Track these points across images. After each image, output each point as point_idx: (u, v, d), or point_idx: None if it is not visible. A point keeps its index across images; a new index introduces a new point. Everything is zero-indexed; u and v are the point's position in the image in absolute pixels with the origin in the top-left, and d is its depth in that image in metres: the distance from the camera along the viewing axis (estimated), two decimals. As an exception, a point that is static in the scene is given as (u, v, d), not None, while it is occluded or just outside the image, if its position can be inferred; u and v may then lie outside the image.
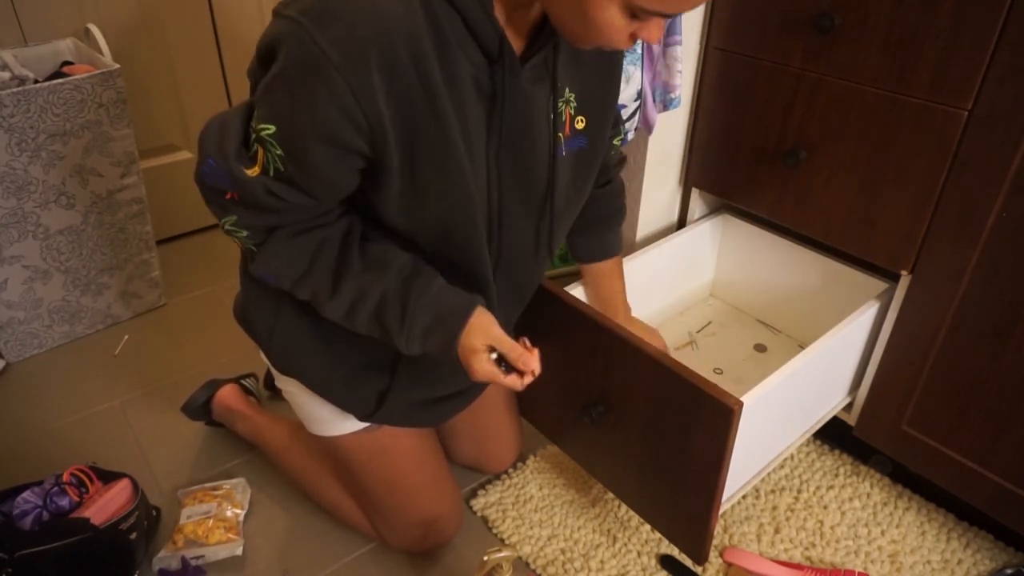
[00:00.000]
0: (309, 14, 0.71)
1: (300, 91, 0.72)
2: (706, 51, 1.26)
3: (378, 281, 0.86)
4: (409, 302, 0.86)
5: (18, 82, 1.46)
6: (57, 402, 1.52)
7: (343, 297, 0.87)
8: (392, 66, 0.72)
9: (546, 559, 1.20)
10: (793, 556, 1.20)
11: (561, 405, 1.19)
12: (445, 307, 0.87)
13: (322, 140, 0.75)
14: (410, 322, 0.86)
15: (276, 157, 0.77)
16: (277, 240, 0.86)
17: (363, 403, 1.05)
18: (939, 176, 1.02)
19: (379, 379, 1.03)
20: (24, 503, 1.12)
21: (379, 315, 0.87)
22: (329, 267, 0.86)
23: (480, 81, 0.81)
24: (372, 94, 0.72)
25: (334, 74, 0.70)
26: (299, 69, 0.72)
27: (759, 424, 1.05)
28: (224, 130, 0.80)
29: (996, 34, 0.91)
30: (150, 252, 1.73)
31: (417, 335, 0.87)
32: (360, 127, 0.74)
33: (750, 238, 1.42)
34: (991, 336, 1.03)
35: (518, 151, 0.88)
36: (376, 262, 0.87)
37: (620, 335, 1.01)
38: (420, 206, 0.84)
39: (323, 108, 0.72)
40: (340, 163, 0.78)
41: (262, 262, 0.88)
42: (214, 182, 0.82)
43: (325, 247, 0.86)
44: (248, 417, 1.37)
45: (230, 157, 0.79)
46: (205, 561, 1.18)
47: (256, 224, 0.85)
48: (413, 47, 0.73)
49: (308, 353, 1.01)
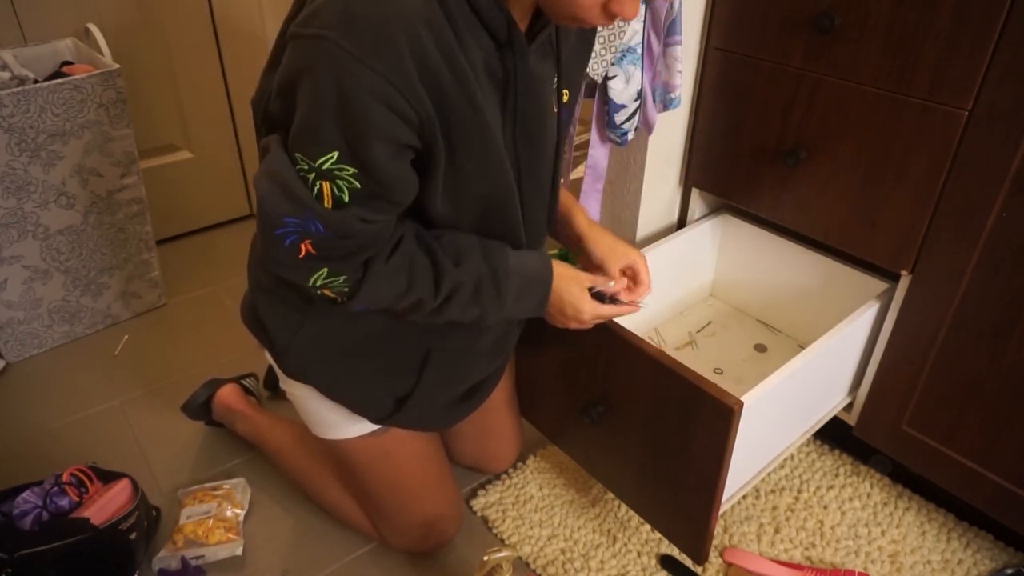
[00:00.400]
0: (334, 26, 0.71)
1: (348, 105, 0.72)
2: (706, 51, 1.26)
3: (469, 270, 0.90)
4: (499, 276, 0.91)
5: (18, 82, 1.46)
6: (57, 402, 1.52)
7: (443, 295, 0.90)
8: (423, 58, 0.73)
9: (546, 559, 1.20)
10: (793, 556, 1.20)
11: (561, 405, 1.19)
12: (529, 268, 0.95)
13: (383, 142, 0.75)
14: (505, 291, 0.92)
15: (349, 178, 0.77)
16: (375, 272, 0.85)
17: (380, 406, 1.05)
18: (939, 176, 1.02)
19: (402, 382, 1.03)
20: (24, 503, 1.12)
21: (476, 297, 0.92)
22: (427, 276, 0.88)
23: (491, 66, 0.82)
24: (414, 87, 0.73)
25: (375, 77, 0.71)
26: (340, 84, 0.71)
27: (759, 424, 1.05)
28: (284, 186, 0.77)
29: (996, 34, 0.91)
30: (150, 252, 1.73)
31: (511, 301, 0.94)
32: (410, 120, 0.75)
33: (750, 238, 1.42)
34: (991, 336, 1.03)
35: (532, 130, 0.89)
36: (456, 253, 0.90)
37: (620, 335, 1.01)
38: (463, 189, 0.86)
39: (375, 111, 0.73)
40: (404, 160, 0.79)
41: (362, 297, 0.87)
42: (296, 241, 0.79)
43: (416, 259, 0.88)
44: (248, 417, 1.37)
45: (310, 204, 0.77)
46: (205, 561, 1.18)
47: (349, 265, 0.83)
48: (438, 38, 0.74)
49: (328, 360, 1.01)
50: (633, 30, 1.14)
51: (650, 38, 1.16)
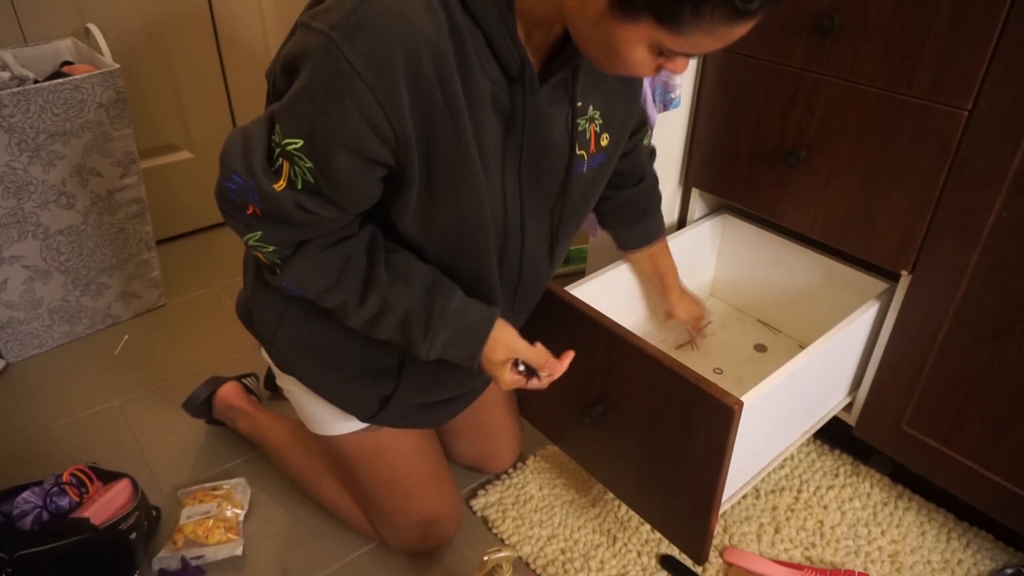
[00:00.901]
0: (339, 28, 0.71)
1: (328, 104, 0.73)
2: (706, 51, 1.26)
3: (403, 295, 0.88)
4: (433, 317, 0.89)
5: (18, 82, 1.46)
6: (57, 402, 1.52)
7: (369, 308, 0.89)
8: (418, 81, 0.73)
9: (546, 559, 1.20)
10: (793, 556, 1.20)
11: (561, 405, 1.19)
12: (466, 322, 0.91)
13: (350, 151, 0.75)
14: (433, 335, 0.90)
15: (305, 170, 0.78)
16: (305, 254, 0.86)
17: (365, 405, 1.05)
18: (939, 176, 1.02)
19: (383, 383, 1.03)
20: (24, 503, 1.12)
21: (403, 327, 0.90)
22: (357, 280, 0.87)
23: (498, 99, 0.82)
24: (399, 106, 0.73)
25: (363, 87, 0.71)
26: (328, 82, 0.72)
27: (759, 424, 1.05)
28: (248, 146, 0.79)
29: (996, 34, 0.91)
30: (150, 252, 1.73)
31: (439, 347, 0.91)
32: (387, 138, 0.75)
33: (750, 238, 1.42)
34: (991, 336, 1.03)
35: (534, 167, 0.89)
36: (400, 275, 0.88)
37: (620, 335, 1.01)
38: (433, 216, 0.85)
39: (351, 120, 0.73)
40: (367, 174, 0.79)
41: (288, 274, 0.87)
42: (238, 199, 0.81)
43: (352, 260, 0.87)
44: (249, 415, 1.37)
45: (258, 174, 0.79)
46: (205, 561, 1.18)
47: (283, 239, 0.85)
48: (439, 63, 0.74)
49: (312, 355, 1.01)
50: (633, 30, 1.14)
51: (650, 38, 1.16)
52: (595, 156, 0.96)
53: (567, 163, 0.92)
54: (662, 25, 0.68)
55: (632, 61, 0.74)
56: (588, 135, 0.93)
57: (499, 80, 0.80)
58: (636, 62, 0.74)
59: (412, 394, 1.05)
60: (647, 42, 0.71)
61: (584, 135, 0.93)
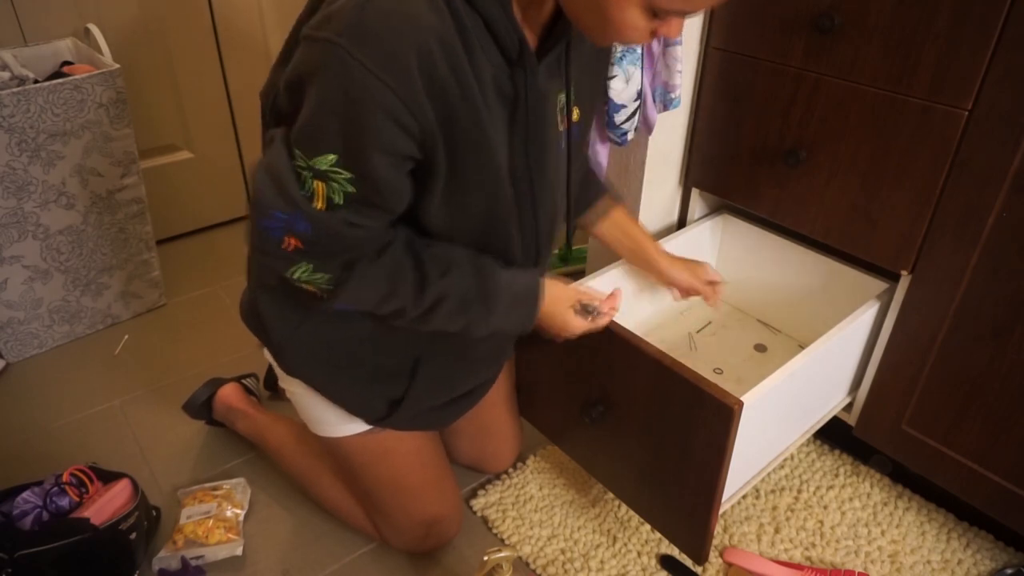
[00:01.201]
0: (346, 34, 0.71)
1: (353, 111, 0.73)
2: (706, 51, 1.26)
3: (456, 281, 0.90)
4: (489, 292, 0.92)
5: (18, 82, 1.46)
6: (57, 402, 1.52)
7: (426, 304, 0.90)
8: (431, 73, 0.74)
9: (546, 559, 1.20)
10: (793, 556, 1.20)
11: (561, 405, 1.19)
12: (520, 287, 0.95)
13: (384, 152, 0.76)
14: (492, 309, 0.93)
15: (343, 182, 0.77)
16: (357, 275, 0.86)
17: (373, 409, 1.05)
18: (939, 176, 1.02)
19: (395, 386, 1.04)
20: (24, 503, 1.12)
21: (463, 310, 0.93)
22: (410, 282, 0.88)
23: (500, 82, 0.82)
24: (420, 101, 0.74)
25: (383, 89, 0.71)
26: (347, 91, 0.72)
27: (759, 424, 1.04)
28: (278, 180, 0.78)
29: (996, 34, 0.91)
30: (150, 252, 1.73)
31: (496, 320, 0.95)
32: (413, 134, 0.76)
33: (750, 238, 1.42)
34: (991, 336, 1.03)
35: (538, 147, 0.89)
36: (446, 264, 0.90)
37: (620, 335, 1.01)
38: (461, 201, 0.86)
39: (377, 121, 0.73)
40: (401, 170, 0.80)
41: (341, 297, 0.87)
42: (281, 235, 0.80)
43: (401, 267, 0.88)
44: (249, 415, 1.37)
45: (300, 202, 0.78)
46: (205, 561, 1.18)
47: (333, 264, 0.84)
48: (448, 52, 0.74)
49: (325, 360, 1.01)
50: (633, 30, 1.14)
51: (650, 38, 1.16)
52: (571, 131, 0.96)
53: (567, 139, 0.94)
54: None
55: (626, 25, 0.74)
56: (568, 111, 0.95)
57: (498, 63, 0.81)
58: (630, 26, 0.74)
59: (424, 395, 1.05)
60: (640, 2, 0.71)
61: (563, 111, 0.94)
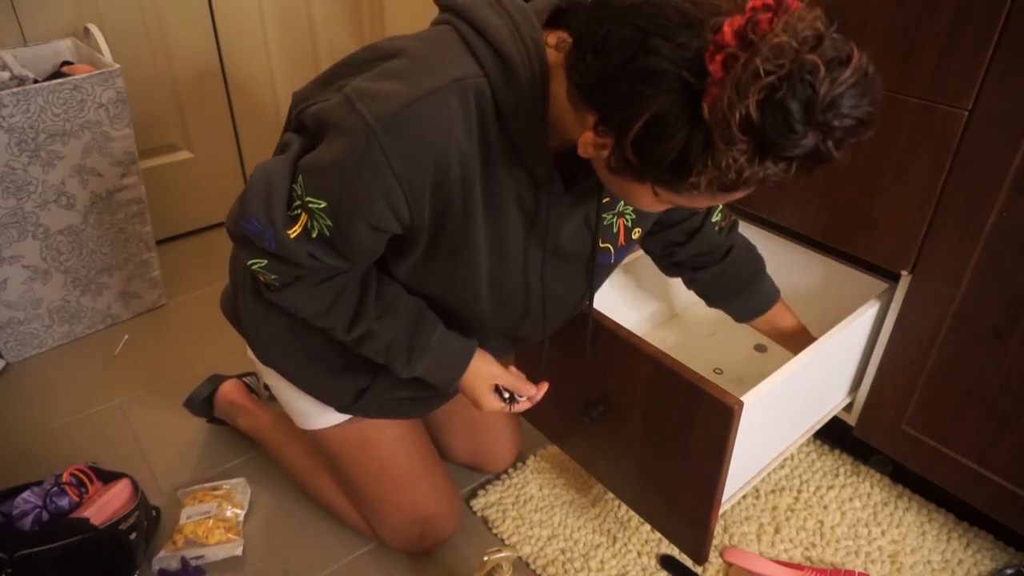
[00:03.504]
0: (383, 123, 0.73)
1: (358, 185, 0.76)
2: (706, 51, 1.26)
3: (389, 327, 0.92)
4: (415, 348, 0.93)
5: (18, 82, 1.46)
6: (57, 402, 1.52)
7: (355, 334, 0.93)
8: (442, 181, 0.78)
9: (546, 559, 1.20)
10: (793, 556, 1.20)
11: (561, 405, 1.19)
12: (447, 353, 0.96)
13: (369, 226, 0.79)
14: (414, 364, 0.95)
15: (324, 227, 0.81)
16: (302, 285, 0.90)
17: (341, 397, 1.07)
18: (939, 176, 1.02)
19: (359, 378, 1.05)
20: (24, 503, 1.12)
21: (387, 353, 0.95)
22: (346, 311, 0.92)
23: (522, 198, 0.84)
24: (422, 200, 0.78)
25: (394, 182, 0.75)
26: (361, 168, 0.75)
27: (759, 424, 1.04)
28: (269, 192, 0.82)
29: (996, 34, 0.91)
30: (150, 252, 1.73)
31: (419, 372, 0.97)
32: (404, 221, 0.80)
33: (750, 238, 1.41)
34: (991, 336, 1.03)
35: (558, 260, 0.92)
36: (387, 307, 0.92)
37: (620, 335, 1.01)
38: (427, 278, 0.91)
39: (377, 204, 0.77)
40: (380, 239, 0.83)
41: (282, 298, 0.92)
42: (254, 238, 0.84)
43: (344, 293, 0.91)
44: (250, 412, 1.37)
45: (277, 222, 0.82)
46: (205, 561, 1.18)
47: (286, 272, 0.88)
48: (464, 168, 0.78)
49: (292, 348, 1.04)
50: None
51: (650, 38, 1.16)
52: (622, 249, 0.99)
53: (590, 256, 0.95)
54: (665, 186, 0.68)
55: (643, 204, 0.76)
56: (616, 228, 0.96)
57: (524, 182, 0.83)
58: (647, 204, 0.76)
59: (388, 389, 1.06)
60: (654, 193, 0.71)
61: (611, 229, 0.95)
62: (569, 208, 0.87)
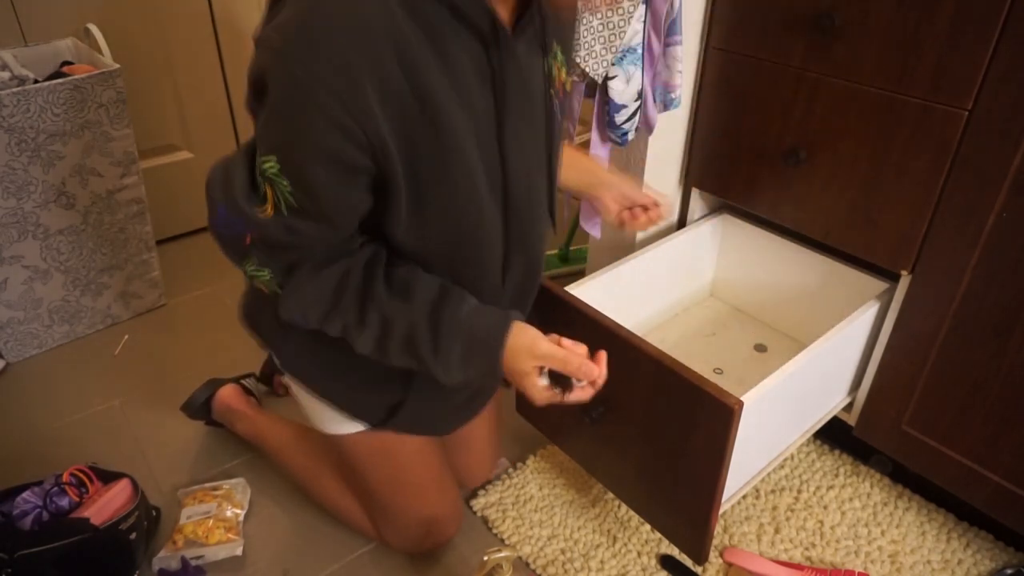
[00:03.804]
0: (293, 41, 0.69)
1: (296, 119, 0.71)
2: (706, 51, 1.26)
3: (405, 309, 0.82)
4: (441, 329, 0.82)
5: (18, 82, 1.46)
6: (57, 402, 1.52)
7: (371, 328, 0.84)
8: (383, 78, 0.70)
9: (546, 559, 1.20)
10: (793, 556, 1.20)
11: (561, 405, 1.19)
12: (480, 330, 0.83)
13: (325, 161, 0.73)
14: (445, 351, 0.83)
15: (286, 193, 0.75)
16: (300, 277, 0.83)
17: (372, 413, 1.05)
18: (939, 176, 1.02)
19: (393, 392, 1.03)
20: (24, 503, 1.12)
21: (411, 345, 0.83)
22: (354, 298, 0.83)
23: (480, 66, 0.78)
24: (368, 109, 0.71)
25: (325, 96, 0.69)
26: (291, 97, 0.70)
27: (759, 424, 1.05)
28: (228, 174, 0.78)
29: (996, 34, 0.91)
30: (150, 252, 1.73)
31: (455, 363, 0.84)
32: (361, 143, 0.72)
33: (750, 238, 1.42)
34: (991, 336, 1.03)
35: (525, 123, 0.86)
36: (401, 288, 0.83)
37: (620, 335, 1.01)
38: (428, 219, 0.82)
39: (321, 131, 0.71)
40: (349, 182, 0.76)
41: (288, 303, 0.85)
42: (229, 229, 0.80)
43: (349, 278, 0.83)
44: (248, 417, 1.37)
45: (239, 200, 0.77)
46: (205, 561, 1.18)
47: (277, 262, 0.83)
48: (402, 56, 0.71)
49: (320, 363, 1.01)
50: (633, 30, 1.14)
51: (650, 38, 1.16)
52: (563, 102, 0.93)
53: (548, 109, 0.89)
54: None
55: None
56: (555, 75, 0.90)
57: (474, 48, 0.77)
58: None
59: (423, 402, 1.04)
60: None
61: (554, 78, 0.89)
62: (523, 59, 0.82)
